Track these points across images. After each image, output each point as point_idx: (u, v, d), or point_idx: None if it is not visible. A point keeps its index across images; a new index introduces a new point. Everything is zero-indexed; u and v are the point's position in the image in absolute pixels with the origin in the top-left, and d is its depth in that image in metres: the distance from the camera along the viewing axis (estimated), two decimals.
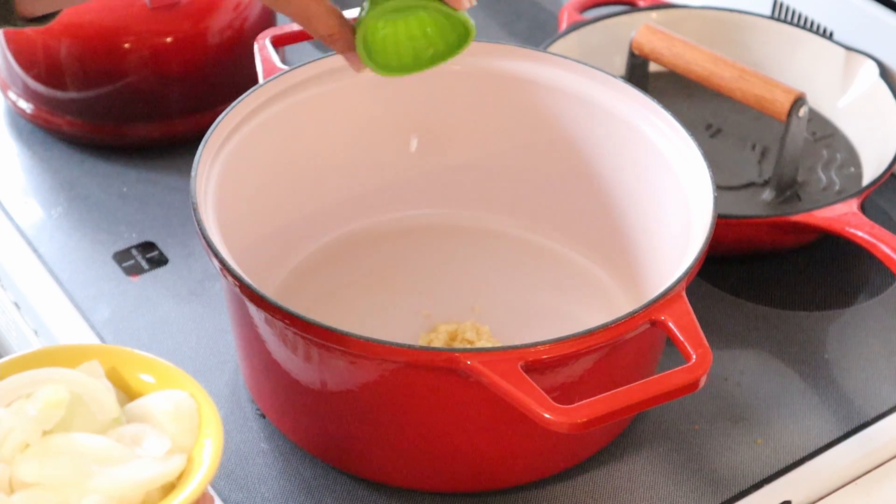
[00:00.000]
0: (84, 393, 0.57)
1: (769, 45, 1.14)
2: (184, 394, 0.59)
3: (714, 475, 0.83)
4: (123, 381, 0.60)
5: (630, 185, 0.92)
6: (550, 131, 0.95)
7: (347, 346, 0.72)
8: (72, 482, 0.54)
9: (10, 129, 1.11)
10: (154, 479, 0.55)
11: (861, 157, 1.07)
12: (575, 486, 0.82)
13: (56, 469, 0.55)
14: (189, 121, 1.08)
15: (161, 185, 1.05)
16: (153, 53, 1.05)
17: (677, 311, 0.74)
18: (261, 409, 0.85)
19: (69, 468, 0.55)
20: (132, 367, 0.60)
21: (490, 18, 1.30)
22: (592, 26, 1.12)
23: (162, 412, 0.58)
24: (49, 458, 0.55)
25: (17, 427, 0.55)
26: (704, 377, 0.70)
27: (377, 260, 0.96)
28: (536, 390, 0.68)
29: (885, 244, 0.88)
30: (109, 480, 0.54)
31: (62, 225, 1.01)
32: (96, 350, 0.60)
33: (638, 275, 0.91)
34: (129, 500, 0.54)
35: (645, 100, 0.89)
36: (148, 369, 0.61)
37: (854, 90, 1.09)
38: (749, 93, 1.00)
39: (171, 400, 0.58)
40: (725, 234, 0.91)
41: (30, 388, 0.57)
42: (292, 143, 0.91)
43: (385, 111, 0.95)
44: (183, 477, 0.56)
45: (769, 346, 0.93)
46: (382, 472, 0.81)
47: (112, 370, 0.60)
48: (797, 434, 0.86)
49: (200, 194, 0.79)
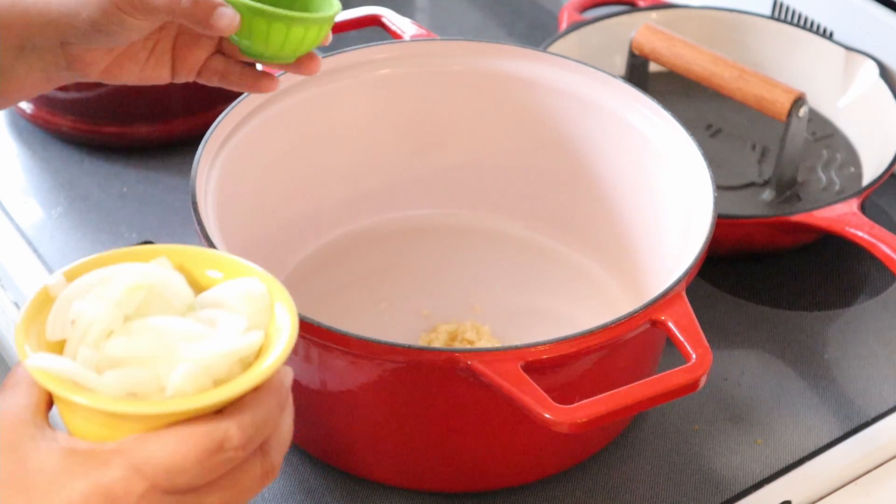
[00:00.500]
0: (158, 282, 0.57)
1: (769, 45, 1.14)
2: (253, 279, 0.59)
3: (714, 475, 0.83)
4: (193, 278, 0.60)
5: (630, 185, 0.92)
6: (550, 131, 0.95)
7: (347, 346, 0.72)
8: (160, 356, 0.55)
9: (11, 130, 1.11)
10: (238, 350, 0.55)
11: (861, 157, 1.07)
12: (575, 486, 0.82)
13: (144, 344, 0.55)
14: (189, 121, 1.08)
15: (161, 185, 1.05)
16: None
17: (677, 311, 0.74)
18: None
19: (156, 343, 0.55)
20: (200, 264, 0.61)
21: (490, 18, 1.30)
22: (592, 26, 1.12)
23: (233, 297, 0.58)
24: (136, 336, 0.55)
25: (100, 314, 0.55)
26: (704, 377, 0.70)
27: (377, 260, 0.96)
28: (536, 390, 0.68)
29: (885, 244, 0.88)
30: (196, 352, 0.55)
31: (62, 225, 1.01)
32: (163, 249, 0.60)
33: (638, 275, 0.91)
34: (216, 371, 0.55)
35: (645, 100, 0.89)
36: (215, 265, 0.61)
37: (854, 90, 1.09)
38: (749, 93, 1.00)
39: (242, 285, 0.58)
40: (725, 234, 0.91)
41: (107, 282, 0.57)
42: (292, 143, 0.91)
43: (385, 111, 0.95)
44: (261, 353, 0.56)
45: (769, 346, 0.93)
46: (382, 472, 0.81)
47: (180, 267, 0.60)
48: (797, 434, 0.86)
49: (200, 194, 0.79)
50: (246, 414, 0.54)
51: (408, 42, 0.94)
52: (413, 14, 1.32)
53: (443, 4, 1.33)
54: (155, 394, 0.54)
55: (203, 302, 0.59)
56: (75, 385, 0.54)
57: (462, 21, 1.30)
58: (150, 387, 0.54)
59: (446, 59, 0.94)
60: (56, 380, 0.54)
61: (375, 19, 0.99)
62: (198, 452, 0.53)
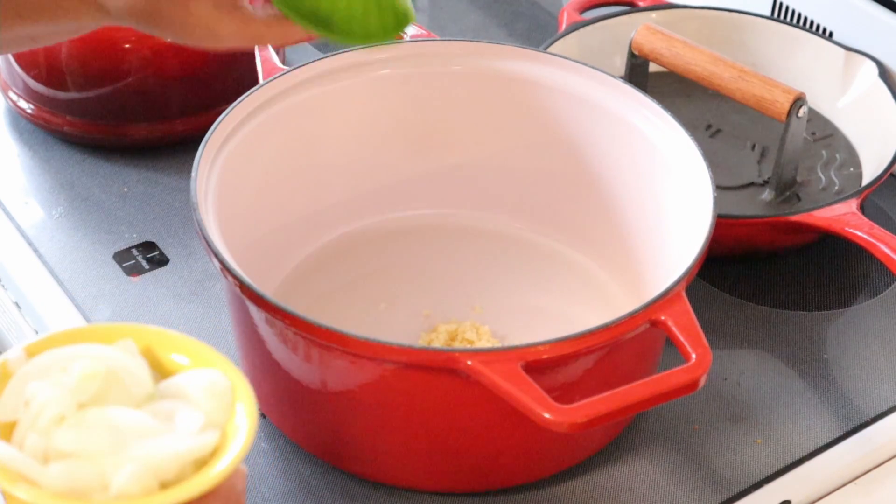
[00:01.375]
0: (119, 368, 0.57)
1: (769, 45, 1.14)
2: (217, 372, 0.59)
3: (714, 475, 0.83)
4: (157, 361, 0.60)
5: (630, 185, 0.92)
6: (550, 131, 0.95)
7: (347, 346, 0.72)
8: (108, 452, 0.54)
9: (11, 130, 1.11)
10: (190, 451, 0.55)
11: (860, 157, 1.07)
12: (575, 486, 0.82)
13: (93, 438, 0.54)
14: (189, 121, 1.08)
15: (161, 185, 1.05)
16: (153, 53, 1.05)
17: (677, 311, 0.74)
18: (261, 408, 0.85)
19: (106, 438, 0.55)
20: (166, 347, 0.60)
21: (490, 18, 1.30)
22: (592, 26, 1.12)
23: (195, 389, 0.57)
24: (85, 428, 0.55)
25: (52, 399, 0.55)
26: (704, 377, 0.70)
27: (377, 260, 0.96)
28: (536, 390, 0.68)
29: (884, 244, 0.88)
30: (146, 451, 0.54)
31: (63, 225, 1.01)
32: (130, 329, 0.60)
33: (638, 275, 0.91)
34: (165, 472, 0.54)
35: (645, 100, 0.89)
36: (181, 349, 0.61)
37: (854, 90, 1.09)
38: (749, 93, 1.00)
39: (205, 378, 0.58)
40: (725, 234, 0.91)
41: (65, 364, 0.57)
42: (292, 143, 0.91)
43: (385, 111, 0.95)
44: (216, 452, 0.56)
45: (769, 346, 0.93)
46: (382, 472, 0.81)
47: (146, 349, 0.60)
48: (797, 434, 0.86)
49: (200, 194, 0.79)
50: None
51: (408, 42, 0.95)
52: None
53: (443, 4, 1.33)
54: (98, 491, 0.54)
55: (164, 391, 0.58)
56: (19, 476, 0.54)
57: (462, 21, 1.30)
58: (94, 483, 0.54)
59: (446, 59, 0.94)
60: (2, 470, 0.54)
61: None
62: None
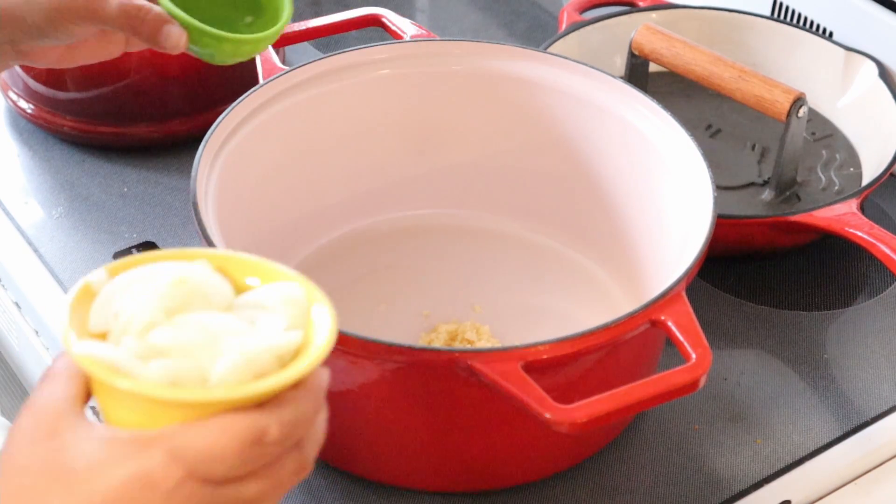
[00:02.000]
0: (200, 280, 0.58)
1: (769, 45, 1.14)
2: (292, 283, 0.59)
3: (714, 475, 0.83)
4: (232, 284, 0.60)
5: (630, 185, 0.92)
6: (550, 131, 0.95)
7: (347, 346, 0.72)
8: (204, 346, 0.55)
9: (11, 130, 1.11)
10: (280, 346, 0.55)
11: (860, 157, 1.07)
12: (575, 486, 0.82)
13: (188, 335, 0.55)
14: (189, 121, 1.08)
15: (161, 185, 1.05)
16: (153, 53, 1.03)
17: (677, 311, 0.74)
18: None
19: (200, 334, 0.55)
20: (240, 270, 0.61)
21: (490, 18, 1.30)
22: (592, 26, 1.12)
23: (273, 299, 0.58)
24: (180, 326, 0.56)
25: (143, 306, 0.56)
26: (704, 377, 0.70)
27: (377, 260, 0.96)
28: (536, 390, 0.68)
29: (884, 244, 0.88)
30: (239, 344, 0.55)
31: (63, 225, 1.01)
32: (202, 253, 0.60)
33: (638, 275, 0.91)
34: (259, 365, 0.55)
35: (645, 100, 0.89)
36: (254, 272, 0.61)
37: (853, 90, 1.09)
38: (749, 93, 1.00)
39: (280, 289, 0.59)
40: (725, 234, 0.91)
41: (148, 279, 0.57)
42: (292, 143, 0.91)
43: (385, 111, 0.95)
44: (299, 354, 0.56)
45: (769, 346, 0.93)
46: (382, 472, 0.81)
47: (220, 270, 0.60)
48: (797, 434, 0.86)
49: (200, 194, 0.79)
50: (285, 409, 0.54)
51: (408, 42, 0.95)
52: (413, 14, 1.32)
53: (443, 4, 1.33)
54: (197, 385, 0.54)
55: (242, 303, 0.59)
56: (119, 372, 0.54)
57: (462, 21, 1.30)
58: (192, 378, 0.54)
59: (446, 59, 0.94)
60: (101, 366, 0.54)
61: (375, 19, 0.99)
62: (237, 443, 0.53)
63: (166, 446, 0.53)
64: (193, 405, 0.54)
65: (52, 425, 0.54)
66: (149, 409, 0.54)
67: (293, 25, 0.97)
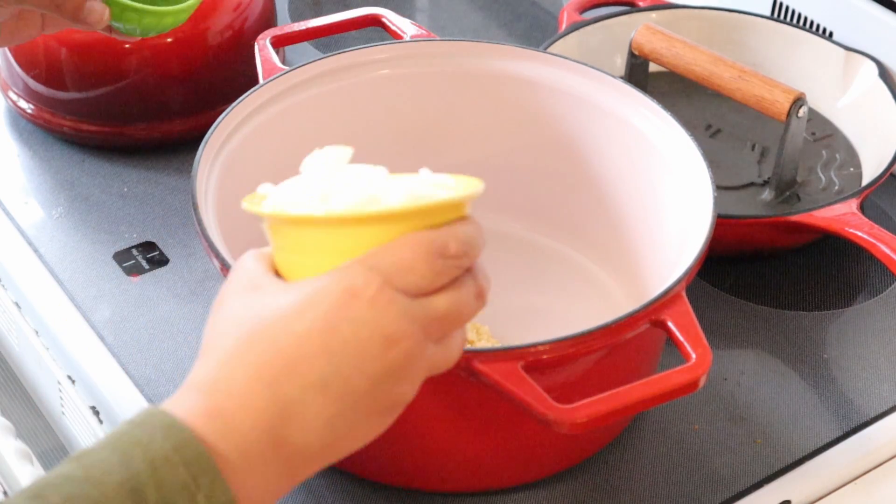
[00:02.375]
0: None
1: (769, 45, 1.14)
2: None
3: (714, 475, 0.83)
4: None
5: (630, 185, 0.92)
6: (550, 131, 0.95)
7: None
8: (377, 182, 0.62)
9: (11, 130, 1.11)
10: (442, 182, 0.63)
11: (860, 157, 1.07)
12: (575, 486, 0.82)
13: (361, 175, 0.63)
14: (189, 121, 1.08)
15: (161, 185, 1.05)
16: (153, 53, 1.05)
17: (677, 311, 0.74)
18: None
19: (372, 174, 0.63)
20: None
21: (490, 18, 1.30)
22: (592, 26, 1.12)
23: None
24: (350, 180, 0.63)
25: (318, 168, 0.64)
26: (704, 377, 0.70)
27: None
28: (536, 390, 0.68)
29: (884, 244, 0.88)
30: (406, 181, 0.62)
31: (62, 225, 1.01)
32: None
33: (638, 275, 0.91)
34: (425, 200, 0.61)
35: (645, 100, 0.89)
36: None
37: (853, 90, 1.09)
38: (749, 93, 1.00)
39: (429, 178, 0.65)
40: (725, 234, 0.91)
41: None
42: (292, 143, 0.91)
43: (385, 111, 0.95)
44: None
45: (769, 346, 0.93)
46: (382, 472, 0.81)
47: None
48: (797, 434, 0.86)
49: (200, 194, 0.79)
50: (458, 229, 0.61)
51: (408, 42, 0.95)
52: (413, 14, 1.32)
53: (443, 4, 1.33)
54: None
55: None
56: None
57: (462, 21, 1.30)
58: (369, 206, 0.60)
59: (446, 59, 0.94)
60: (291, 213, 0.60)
61: (375, 19, 0.99)
62: (424, 253, 0.59)
63: (362, 263, 0.59)
64: (383, 217, 0.59)
65: (254, 282, 0.61)
66: (340, 243, 0.60)
67: (293, 25, 0.97)
